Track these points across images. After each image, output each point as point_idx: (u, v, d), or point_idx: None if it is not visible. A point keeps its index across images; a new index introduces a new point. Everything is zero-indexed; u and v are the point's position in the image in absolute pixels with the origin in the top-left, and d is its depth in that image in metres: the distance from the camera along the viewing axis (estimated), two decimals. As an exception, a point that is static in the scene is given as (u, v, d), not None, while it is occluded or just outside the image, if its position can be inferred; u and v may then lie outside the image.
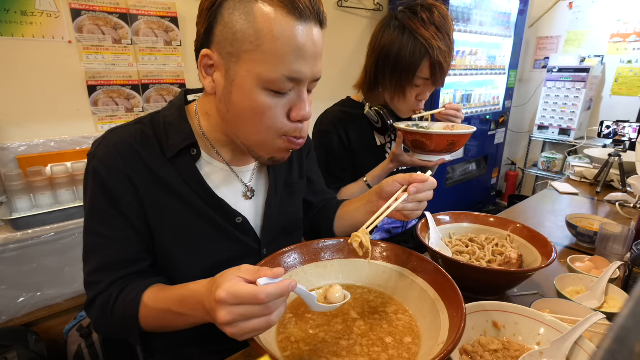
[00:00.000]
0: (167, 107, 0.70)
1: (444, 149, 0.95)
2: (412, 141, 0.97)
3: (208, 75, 0.61)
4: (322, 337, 0.59)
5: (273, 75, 0.56)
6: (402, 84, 1.00)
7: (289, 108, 0.61)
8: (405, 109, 1.06)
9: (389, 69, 1.01)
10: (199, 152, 0.67)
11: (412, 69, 0.97)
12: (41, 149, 1.60)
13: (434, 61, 0.94)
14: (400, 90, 1.02)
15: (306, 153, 0.89)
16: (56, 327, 1.42)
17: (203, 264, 0.68)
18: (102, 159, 0.62)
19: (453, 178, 2.85)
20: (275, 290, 0.45)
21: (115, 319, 0.61)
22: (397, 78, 1.00)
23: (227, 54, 0.57)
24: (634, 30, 2.83)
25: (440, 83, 1.00)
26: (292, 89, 0.59)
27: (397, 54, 0.97)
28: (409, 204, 0.68)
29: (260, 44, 0.55)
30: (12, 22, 1.49)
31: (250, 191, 0.75)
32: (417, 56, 0.95)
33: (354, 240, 0.64)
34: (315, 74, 0.60)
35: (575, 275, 0.83)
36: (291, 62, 0.56)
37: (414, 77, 0.98)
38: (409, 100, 1.03)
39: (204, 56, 0.59)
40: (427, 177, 0.69)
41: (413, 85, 1.00)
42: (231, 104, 0.60)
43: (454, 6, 2.30)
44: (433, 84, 1.01)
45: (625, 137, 2.51)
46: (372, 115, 1.08)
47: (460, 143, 0.96)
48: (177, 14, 1.91)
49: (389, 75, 1.02)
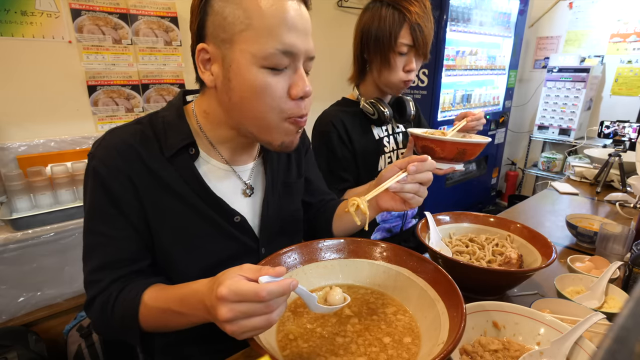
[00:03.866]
0: (165, 108, 0.71)
1: (454, 157, 0.94)
2: (422, 147, 0.96)
3: (206, 69, 0.62)
4: (320, 333, 0.60)
5: (267, 51, 0.56)
6: (386, 54, 1.02)
7: (288, 86, 0.61)
8: (394, 80, 1.05)
9: (372, 41, 1.04)
10: (197, 151, 0.67)
11: (393, 35, 1.00)
12: (41, 149, 1.60)
13: (413, 24, 0.98)
14: (386, 62, 1.03)
15: (304, 151, 0.89)
16: (56, 327, 1.42)
17: (201, 262, 0.68)
18: (102, 159, 0.62)
19: (453, 178, 2.85)
20: (277, 288, 0.45)
21: (115, 318, 0.61)
22: (380, 48, 1.03)
23: (221, 42, 0.58)
24: (634, 30, 2.83)
25: (423, 51, 1.02)
26: (288, 66, 0.60)
27: (377, 25, 1.02)
28: (408, 184, 0.67)
29: (250, 22, 0.56)
30: (12, 22, 1.49)
31: (250, 188, 0.75)
32: (396, 22, 0.99)
33: (351, 205, 0.64)
34: (309, 50, 0.61)
35: (575, 275, 0.83)
36: (282, 34, 0.57)
37: (396, 43, 1.00)
38: (396, 71, 1.04)
39: (200, 50, 0.60)
40: (426, 157, 0.68)
41: (396, 52, 1.02)
42: (232, 90, 0.60)
43: (454, 6, 2.30)
44: (416, 52, 1.02)
45: (625, 137, 2.51)
46: (368, 108, 1.10)
47: (472, 153, 0.94)
48: (177, 14, 1.91)
49: (372, 49, 1.05)
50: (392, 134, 1.19)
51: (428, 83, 2.43)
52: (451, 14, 2.29)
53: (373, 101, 1.09)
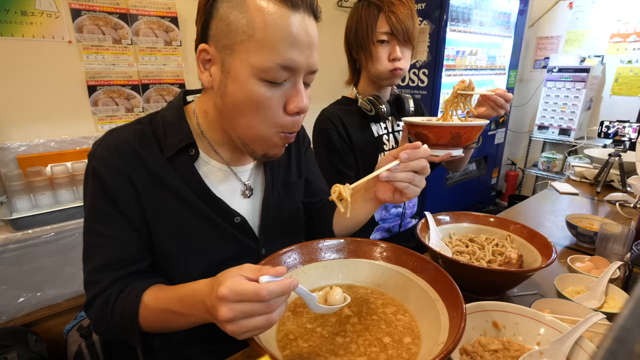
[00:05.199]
0: (166, 108, 0.70)
1: (449, 142, 0.91)
2: (416, 134, 0.95)
3: (205, 70, 0.62)
4: (320, 332, 0.60)
5: (266, 64, 0.56)
6: (367, 46, 1.05)
7: (285, 100, 0.61)
8: (381, 70, 1.06)
9: (354, 38, 1.08)
10: (197, 151, 0.67)
11: (369, 27, 1.04)
12: (41, 149, 1.61)
13: (386, 12, 1.01)
14: (369, 54, 1.06)
15: (304, 150, 0.89)
16: (56, 327, 1.42)
17: (202, 263, 0.68)
18: (102, 159, 0.62)
19: (453, 178, 2.85)
20: (277, 288, 0.45)
21: (115, 319, 0.61)
22: (361, 43, 1.06)
23: (222, 47, 0.58)
24: (634, 30, 2.83)
25: (404, 37, 1.03)
26: (287, 80, 0.59)
27: (356, 21, 1.06)
28: (401, 173, 0.65)
29: (252, 33, 0.55)
30: (12, 22, 1.49)
31: (249, 189, 0.75)
32: (372, 15, 1.03)
33: (332, 192, 0.65)
34: (311, 65, 0.60)
35: (575, 275, 0.83)
36: (284, 50, 0.56)
37: (374, 33, 1.04)
38: (381, 61, 1.05)
39: (201, 51, 0.60)
40: (419, 143, 0.66)
41: (376, 43, 1.04)
42: (227, 95, 0.60)
43: (454, 6, 2.30)
44: (397, 39, 1.03)
45: (625, 137, 2.51)
46: (365, 105, 1.11)
47: (468, 137, 0.90)
48: (177, 14, 1.91)
49: (355, 45, 1.09)
50: (391, 132, 1.19)
51: (428, 83, 2.44)
52: (451, 14, 2.29)
53: (371, 98, 1.10)
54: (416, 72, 2.49)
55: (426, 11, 2.33)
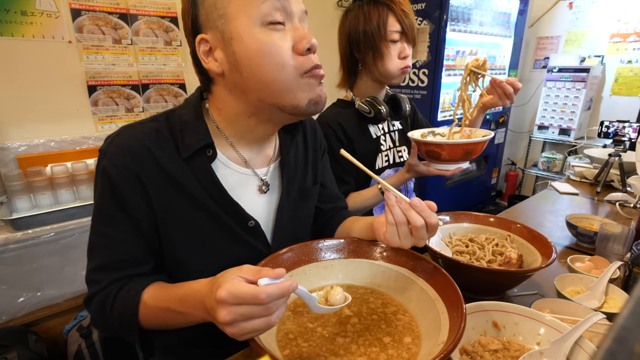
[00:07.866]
0: (182, 105, 0.69)
1: (460, 158, 0.93)
2: (427, 151, 0.95)
3: (210, 59, 0.62)
4: (320, 332, 0.60)
5: (260, 7, 0.57)
6: (378, 45, 1.04)
7: (292, 43, 0.60)
8: (392, 69, 1.06)
9: (361, 38, 1.06)
10: (214, 152, 0.66)
11: (382, 26, 1.03)
12: (41, 149, 1.61)
13: (397, 12, 1.02)
14: (379, 53, 1.05)
15: (320, 154, 0.88)
16: (56, 327, 1.42)
17: (212, 266, 0.67)
18: (112, 158, 0.61)
19: (453, 178, 2.85)
20: (276, 290, 0.45)
21: (114, 316, 0.61)
22: (371, 42, 1.05)
23: (217, 20, 0.59)
24: (634, 30, 2.83)
25: (412, 36, 1.05)
26: (284, 23, 0.60)
27: (364, 21, 1.04)
28: None
29: None
30: (12, 22, 1.49)
31: (266, 185, 0.73)
32: (382, 14, 1.03)
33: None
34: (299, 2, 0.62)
35: (575, 275, 0.83)
36: None
37: (386, 32, 1.03)
38: (392, 59, 1.05)
39: (200, 42, 0.60)
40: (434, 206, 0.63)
41: (388, 41, 1.04)
42: (240, 63, 0.59)
43: (454, 6, 2.30)
44: (407, 37, 1.05)
45: (625, 137, 2.51)
46: (363, 107, 1.10)
47: (477, 150, 0.93)
48: (177, 14, 1.91)
49: (363, 45, 1.07)
50: (388, 132, 1.19)
51: (428, 83, 2.44)
52: (451, 14, 2.29)
53: (369, 99, 1.10)
54: (416, 72, 2.49)
55: (426, 11, 2.33)
